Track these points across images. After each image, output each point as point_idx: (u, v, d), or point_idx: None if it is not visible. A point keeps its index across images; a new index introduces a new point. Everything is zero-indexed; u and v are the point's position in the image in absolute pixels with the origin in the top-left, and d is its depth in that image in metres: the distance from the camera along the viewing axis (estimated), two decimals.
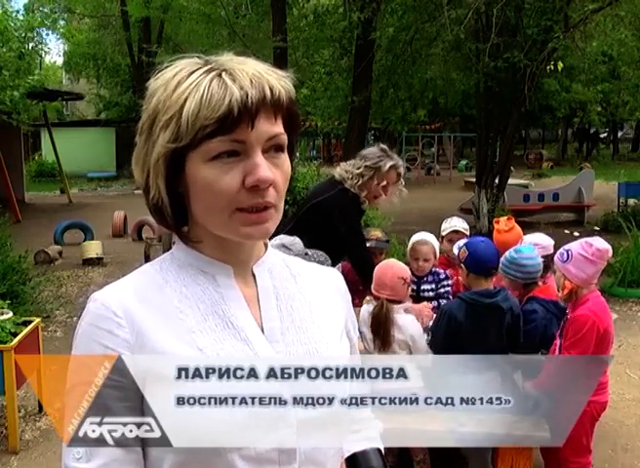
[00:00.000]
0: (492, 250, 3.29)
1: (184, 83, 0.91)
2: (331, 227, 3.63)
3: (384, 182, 3.73)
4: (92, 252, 9.40)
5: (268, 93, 0.90)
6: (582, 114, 25.84)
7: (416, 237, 4.04)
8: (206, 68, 0.92)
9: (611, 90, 20.62)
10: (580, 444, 3.11)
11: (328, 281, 1.13)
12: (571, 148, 34.00)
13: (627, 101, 21.41)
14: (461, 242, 3.87)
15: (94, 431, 0.92)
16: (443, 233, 4.20)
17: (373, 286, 3.31)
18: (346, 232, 3.70)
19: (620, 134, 36.92)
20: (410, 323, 3.23)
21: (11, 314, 4.18)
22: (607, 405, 3.16)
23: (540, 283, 3.55)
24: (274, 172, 0.93)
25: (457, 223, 4.19)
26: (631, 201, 12.72)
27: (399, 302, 3.26)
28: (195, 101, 0.88)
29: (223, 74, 0.90)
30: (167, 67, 0.96)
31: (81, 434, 0.93)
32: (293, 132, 0.98)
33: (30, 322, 4.20)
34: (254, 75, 0.90)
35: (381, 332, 3.13)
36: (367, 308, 3.29)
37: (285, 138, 0.94)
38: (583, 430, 3.10)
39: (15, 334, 3.91)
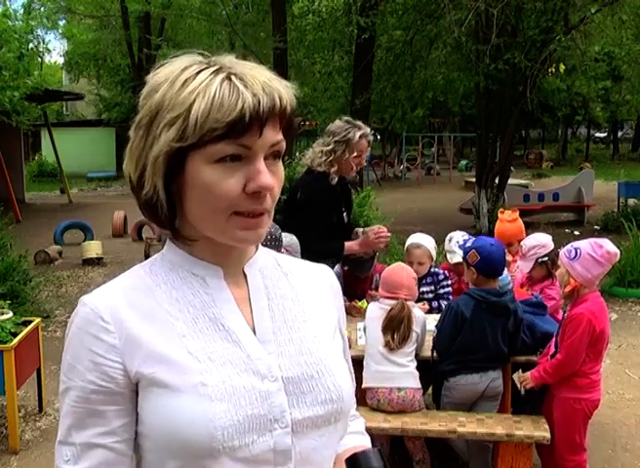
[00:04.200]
0: (501, 250, 3.31)
1: (193, 82, 0.90)
2: (299, 211, 3.58)
3: (355, 153, 3.65)
4: (92, 252, 9.40)
5: (278, 102, 0.90)
6: (584, 112, 25.82)
7: (410, 239, 4.00)
8: (214, 69, 0.91)
9: (611, 88, 20.63)
10: (574, 442, 3.12)
11: (320, 279, 1.13)
12: (571, 148, 33.99)
13: (628, 101, 21.40)
14: (459, 237, 3.86)
15: (82, 434, 0.93)
16: (450, 259, 4.02)
17: (385, 287, 3.35)
18: (305, 212, 3.58)
19: (620, 133, 36.93)
20: (421, 314, 3.35)
21: (11, 314, 4.18)
22: (599, 402, 3.17)
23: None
24: (272, 179, 0.93)
25: (455, 249, 3.98)
26: (631, 201, 12.73)
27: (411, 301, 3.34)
28: (205, 103, 0.88)
29: (234, 78, 0.89)
30: (167, 63, 0.95)
31: (70, 436, 0.94)
32: (289, 139, 0.98)
33: (30, 322, 4.21)
34: (265, 83, 0.90)
35: (404, 329, 3.19)
36: (379, 305, 3.32)
37: (284, 146, 0.95)
38: (577, 428, 3.11)
39: (15, 334, 3.91)
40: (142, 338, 0.93)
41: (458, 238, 4.04)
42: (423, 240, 3.97)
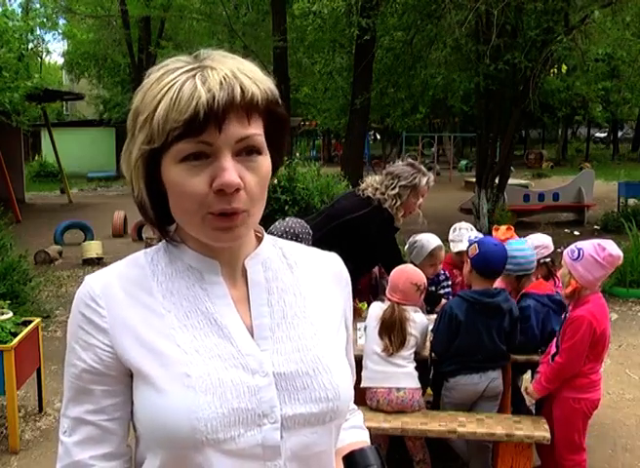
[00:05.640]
0: (502, 255, 3.26)
1: (161, 83, 0.91)
2: (364, 243, 3.64)
3: (420, 199, 3.74)
4: (92, 252, 9.40)
5: (238, 94, 0.88)
6: (584, 112, 25.82)
7: (431, 242, 3.91)
8: (188, 68, 0.91)
9: (611, 88, 20.64)
10: (574, 441, 3.12)
11: (327, 269, 1.10)
12: (571, 148, 33.99)
13: (629, 100, 21.41)
14: (473, 234, 3.87)
15: (75, 409, 0.97)
16: (452, 248, 4.09)
17: (388, 288, 3.35)
18: (385, 250, 3.73)
19: (620, 133, 36.92)
20: (422, 319, 3.31)
21: (11, 314, 4.18)
22: (599, 402, 3.17)
23: (533, 278, 3.56)
24: (246, 175, 0.91)
25: (465, 236, 4.03)
26: (631, 201, 12.72)
27: (411, 306, 3.29)
28: (165, 103, 0.88)
29: (197, 75, 0.89)
30: (162, 63, 0.96)
31: (67, 409, 0.98)
32: (278, 131, 0.97)
33: (30, 322, 4.21)
34: (226, 75, 0.88)
35: (398, 333, 3.17)
36: (380, 305, 3.31)
37: (259, 139, 0.92)
38: (576, 428, 3.11)
39: (15, 334, 3.91)
40: (133, 328, 0.95)
41: (465, 227, 4.09)
42: (437, 239, 3.97)
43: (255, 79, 0.91)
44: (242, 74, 0.90)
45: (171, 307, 0.96)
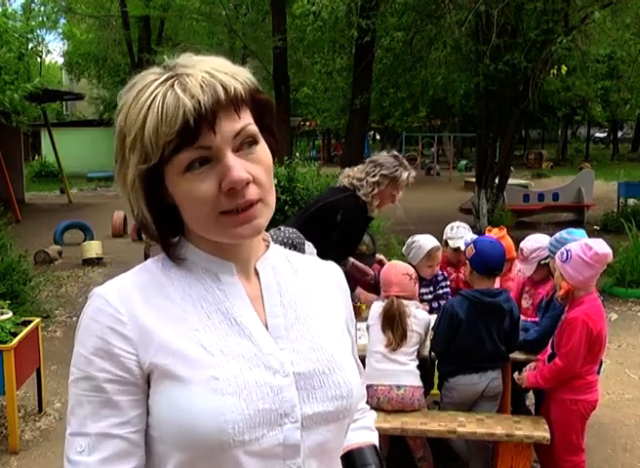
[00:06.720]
0: (498, 251, 3.26)
1: (140, 100, 0.91)
2: (332, 228, 3.61)
3: (398, 192, 3.71)
4: (92, 252, 9.40)
5: (222, 93, 0.89)
6: (584, 113, 25.85)
7: (429, 243, 3.91)
8: (162, 79, 0.91)
9: (611, 88, 20.65)
10: (572, 442, 3.12)
11: (328, 276, 1.13)
12: (571, 148, 34.01)
13: (628, 100, 21.42)
14: (469, 236, 3.88)
15: (97, 424, 0.92)
16: (452, 244, 4.09)
17: (381, 286, 3.37)
18: (336, 235, 3.63)
19: (620, 133, 36.93)
20: (425, 316, 3.32)
21: (11, 314, 4.18)
22: (597, 404, 3.16)
23: None
24: (252, 168, 0.92)
25: (464, 234, 4.05)
26: (631, 201, 12.73)
27: (409, 299, 3.30)
28: (153, 119, 0.88)
29: (175, 84, 0.89)
30: (131, 82, 0.96)
31: (85, 427, 0.92)
32: (266, 116, 0.98)
33: (30, 322, 4.21)
34: (204, 78, 0.89)
35: (398, 326, 3.18)
36: (380, 304, 3.32)
37: (253, 128, 0.93)
38: (574, 429, 3.11)
39: (15, 334, 3.92)
40: (156, 331, 0.93)
41: (463, 226, 4.10)
42: (435, 240, 3.98)
43: (232, 73, 0.92)
44: (218, 72, 0.91)
45: (191, 309, 0.96)
